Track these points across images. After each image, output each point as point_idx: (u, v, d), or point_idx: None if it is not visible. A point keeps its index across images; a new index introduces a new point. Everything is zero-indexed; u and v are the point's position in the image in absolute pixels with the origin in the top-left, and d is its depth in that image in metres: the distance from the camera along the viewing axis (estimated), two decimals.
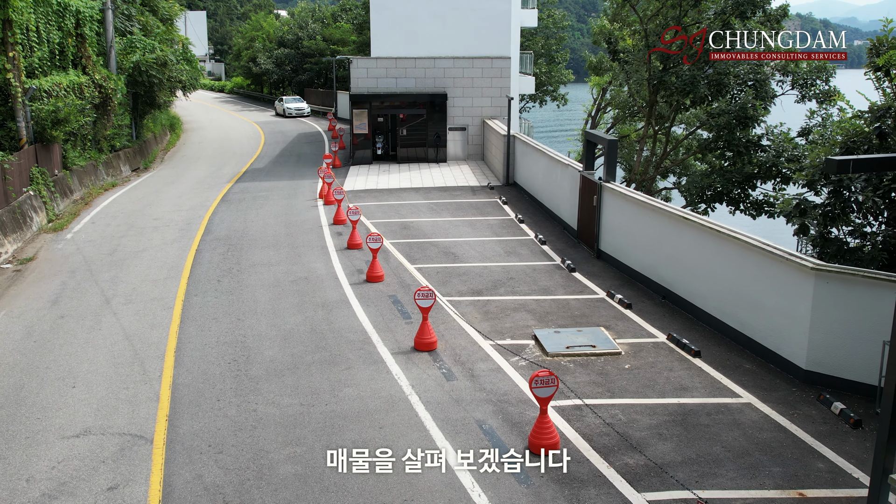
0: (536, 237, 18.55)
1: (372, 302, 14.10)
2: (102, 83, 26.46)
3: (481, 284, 15.09)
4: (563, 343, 11.95)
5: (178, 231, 19.84)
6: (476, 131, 30.52)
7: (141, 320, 13.38)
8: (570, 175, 18.67)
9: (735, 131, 22.28)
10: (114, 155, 28.59)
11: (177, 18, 40.76)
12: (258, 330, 12.81)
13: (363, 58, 31.14)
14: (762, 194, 23.27)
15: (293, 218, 21.03)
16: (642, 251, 14.89)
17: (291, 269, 16.28)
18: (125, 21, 33.04)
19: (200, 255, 17.44)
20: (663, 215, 13.98)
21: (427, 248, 17.80)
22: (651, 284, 14.59)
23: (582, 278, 15.51)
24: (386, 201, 23.11)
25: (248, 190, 25.49)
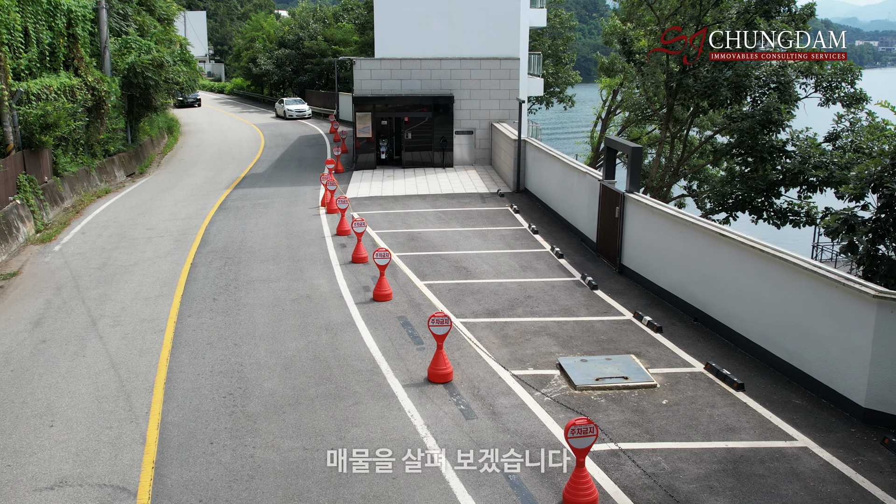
0: (553, 250, 17.47)
1: (380, 324, 13.01)
2: (95, 85, 25.39)
3: (497, 304, 14.01)
4: (591, 374, 10.86)
5: (172, 242, 18.76)
6: (484, 135, 29.44)
7: (129, 345, 12.30)
8: (589, 184, 17.59)
9: (758, 136, 21.18)
10: (108, 160, 27.52)
11: (175, 18, 39.70)
12: (256, 357, 11.73)
13: (366, 59, 30.06)
14: (786, 202, 22.17)
15: (294, 228, 19.95)
16: (671, 268, 13.81)
17: (292, 285, 15.19)
18: (120, 21, 31.96)
19: (195, 270, 16.36)
20: (696, 231, 12.89)
21: (437, 261, 16.72)
22: (681, 305, 13.50)
23: (605, 297, 14.42)
24: (391, 209, 22.04)
25: (247, 197, 24.41)
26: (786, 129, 21.63)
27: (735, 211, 22.25)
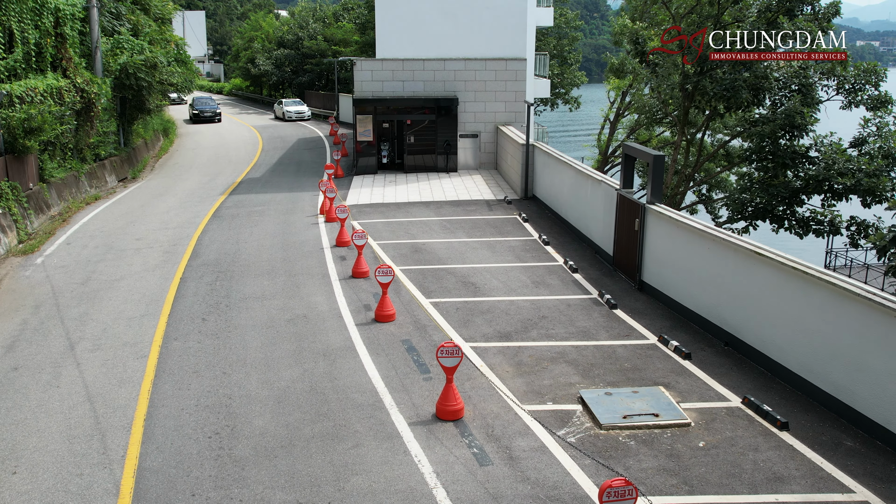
0: (566, 263, 16.39)
1: (382, 349, 11.94)
2: (85, 87, 24.33)
3: (509, 325, 12.94)
4: (617, 410, 9.79)
5: (162, 254, 17.69)
6: (489, 138, 28.37)
7: (108, 373, 11.23)
8: (604, 193, 16.52)
9: (780, 141, 20.09)
10: (98, 165, 26.46)
11: (170, 18, 38.65)
12: (247, 388, 10.66)
13: (367, 59, 28.99)
14: (808, 211, 21.09)
15: (291, 238, 18.89)
16: (698, 287, 12.73)
17: (288, 303, 14.12)
18: (113, 20, 30.91)
19: (185, 286, 15.29)
20: (728, 248, 11.82)
21: (443, 276, 15.65)
22: (710, 328, 12.43)
23: (626, 317, 13.34)
24: (394, 218, 20.97)
25: (242, 204, 23.34)
26: (809, 134, 20.53)
27: (755, 220, 21.16)
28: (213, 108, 47.98)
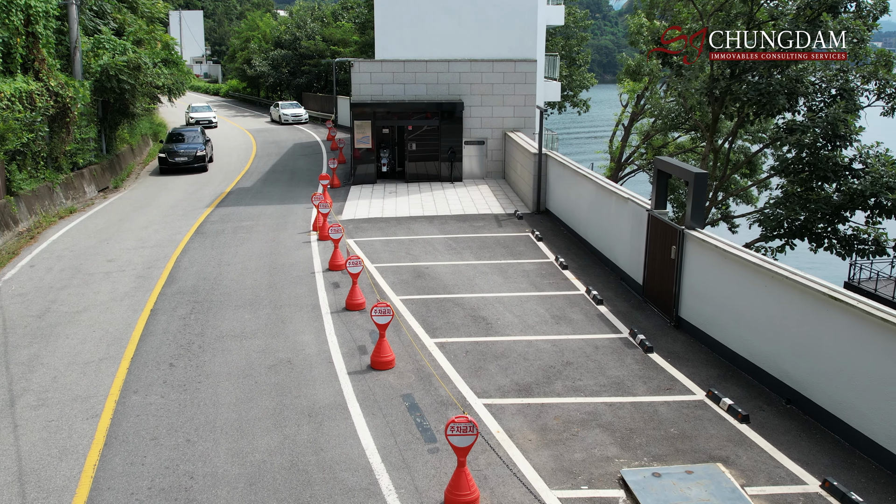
0: (588, 292, 14.47)
1: (379, 407, 10.03)
2: (59, 91, 22.43)
3: (528, 374, 11.02)
4: (670, 499, 7.87)
5: (134, 279, 15.79)
6: (496, 145, 26.47)
7: (50, 440, 9.32)
8: (632, 212, 14.60)
9: (821, 152, 18.17)
10: (76, 174, 24.57)
11: (160, 16, 36.77)
12: (213, 464, 8.74)
13: (366, 60, 27.10)
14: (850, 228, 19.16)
15: (280, 260, 16.98)
16: (751, 331, 10.81)
17: (271, 344, 12.21)
18: (95, 18, 29.05)
19: (155, 320, 13.38)
20: (792, 287, 9.89)
21: (449, 308, 13.73)
22: (766, 380, 10.51)
23: (664, 363, 11.42)
24: (394, 235, 19.05)
25: (229, 218, 21.43)
26: (853, 144, 18.60)
27: (793, 238, 19.22)
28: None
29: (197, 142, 30.31)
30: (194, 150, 29.61)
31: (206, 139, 31.34)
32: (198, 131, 31.53)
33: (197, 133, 31.29)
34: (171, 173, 29.23)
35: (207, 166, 30.28)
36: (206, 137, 31.68)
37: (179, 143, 30.06)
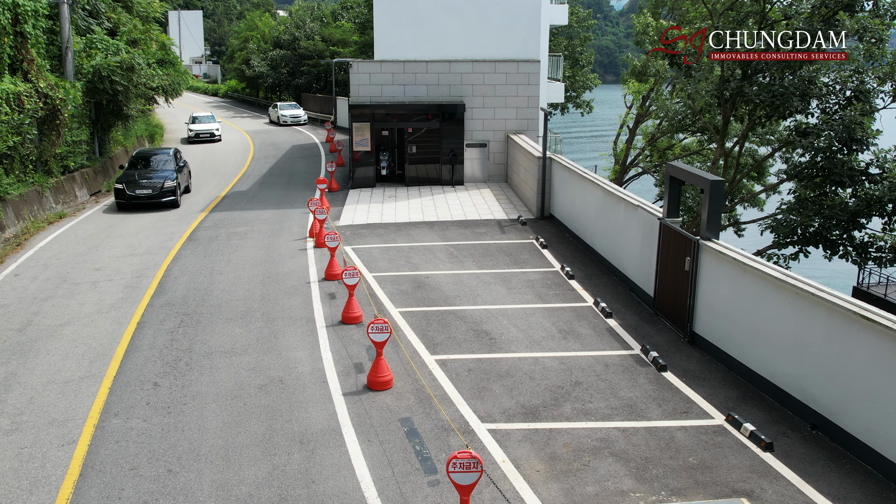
0: (597, 305, 13.80)
1: (376, 433, 9.36)
2: (49, 92, 21.77)
3: (535, 395, 10.35)
4: None
5: (121, 289, 15.13)
6: (499, 148, 25.80)
7: (21, 470, 8.66)
8: (642, 220, 13.93)
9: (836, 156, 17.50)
10: (67, 177, 23.91)
11: (156, 16, 36.07)
12: (196, 497, 8.08)
13: (365, 61, 26.45)
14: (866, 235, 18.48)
15: (274, 269, 16.31)
16: (773, 350, 10.14)
17: (262, 361, 11.55)
18: (87, 18, 28.39)
19: (141, 334, 12.72)
20: (817, 304, 9.22)
21: (450, 322, 13.06)
22: (790, 403, 9.83)
23: (679, 383, 10.75)
24: (393, 242, 18.38)
25: (223, 223, 20.77)
26: (869, 148, 17.93)
27: (807, 245, 18.53)
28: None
29: (166, 169, 23.63)
30: (160, 182, 22.64)
31: (179, 165, 24.46)
32: (170, 154, 24.59)
33: (168, 157, 24.40)
34: (129, 210, 22.40)
35: (180, 201, 23.09)
36: (179, 163, 24.75)
37: (143, 171, 23.45)
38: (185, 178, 24.69)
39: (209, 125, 39.10)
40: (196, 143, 38.00)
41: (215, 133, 38.71)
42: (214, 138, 38.60)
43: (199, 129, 38.71)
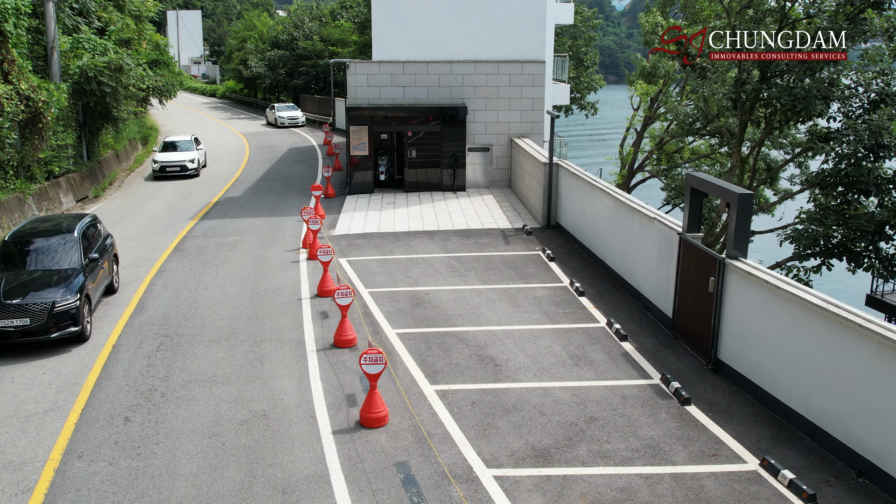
0: (610, 325, 12.77)
1: (368, 481, 8.33)
2: (31, 94, 20.75)
3: (546, 434, 9.32)
4: None
5: (99, 306, 14.09)
6: (502, 152, 24.77)
7: None
8: (659, 234, 12.90)
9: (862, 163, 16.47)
10: (51, 183, 22.88)
11: (149, 15, 35.06)
12: None
13: (362, 62, 25.44)
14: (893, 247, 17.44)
15: (264, 283, 15.29)
16: (812, 385, 9.10)
17: (245, 391, 10.53)
18: (75, 17, 27.38)
19: (116, 359, 11.70)
20: (867, 338, 8.18)
21: (452, 346, 12.03)
22: (833, 445, 8.79)
23: (705, 420, 9.70)
24: (391, 254, 17.35)
25: (213, 232, 19.75)
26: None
27: (830, 257, 17.51)
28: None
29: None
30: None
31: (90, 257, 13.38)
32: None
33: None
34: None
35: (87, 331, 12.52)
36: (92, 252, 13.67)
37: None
38: (101, 278, 13.83)
39: (182, 155, 28.06)
40: (164, 180, 27.80)
41: (188, 166, 27.75)
42: (187, 172, 27.76)
43: (167, 161, 27.74)
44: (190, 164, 27.86)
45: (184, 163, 27.81)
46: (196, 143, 29.63)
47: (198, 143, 30.03)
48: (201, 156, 29.44)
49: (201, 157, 29.42)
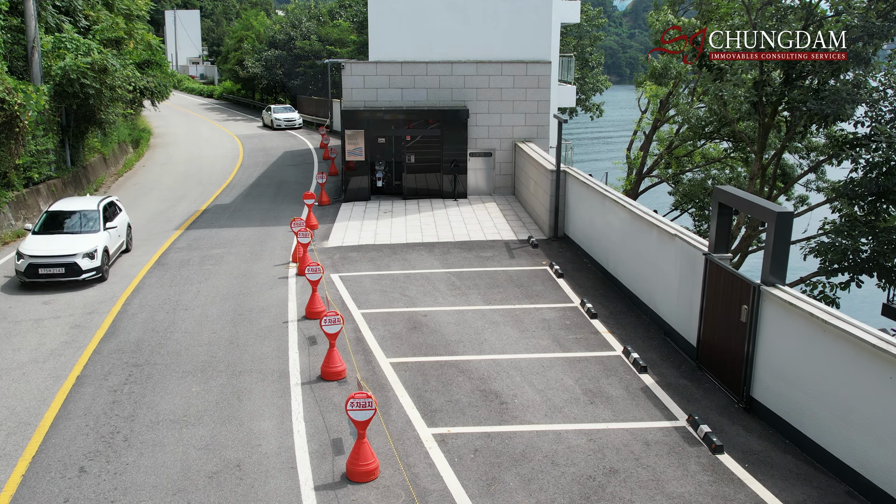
0: (627, 353, 11.56)
1: None
2: (6, 97, 19.55)
3: (560, 491, 8.11)
4: None
5: (67, 329, 12.92)
6: (505, 157, 23.57)
7: None
8: (681, 252, 11.69)
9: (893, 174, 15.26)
10: (30, 190, 21.69)
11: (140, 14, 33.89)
12: None
13: (358, 62, 24.25)
14: None
15: (248, 303, 14.09)
16: (867, 435, 7.89)
17: (219, 435, 9.32)
18: (59, 15, 26.21)
19: (78, 393, 10.51)
20: None
21: (452, 378, 10.83)
22: None
23: (742, 473, 8.48)
24: (387, 269, 16.15)
25: (198, 243, 18.56)
26: None
27: (861, 273, 16.29)
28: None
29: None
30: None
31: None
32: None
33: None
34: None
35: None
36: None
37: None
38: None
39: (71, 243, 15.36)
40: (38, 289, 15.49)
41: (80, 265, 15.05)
42: (79, 278, 15.07)
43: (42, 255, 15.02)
44: (84, 262, 15.11)
45: (72, 259, 15.03)
46: (106, 215, 16.65)
47: (112, 212, 17.17)
48: (115, 237, 16.69)
49: (114, 240, 16.58)
